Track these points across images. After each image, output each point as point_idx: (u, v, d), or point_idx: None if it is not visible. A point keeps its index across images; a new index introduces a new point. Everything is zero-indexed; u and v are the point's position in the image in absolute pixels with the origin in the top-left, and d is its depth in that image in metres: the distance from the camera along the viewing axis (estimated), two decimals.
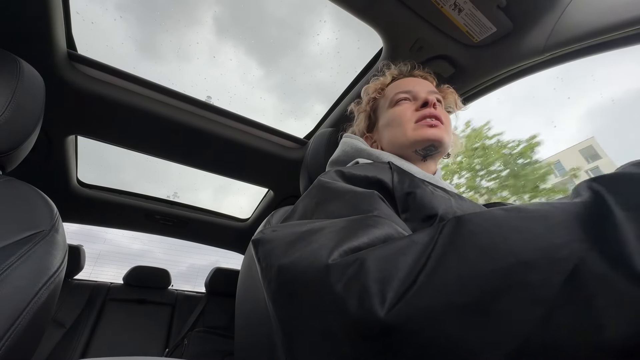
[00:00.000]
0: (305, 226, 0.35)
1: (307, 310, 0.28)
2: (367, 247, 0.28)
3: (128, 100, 0.99)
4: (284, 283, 0.31)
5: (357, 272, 0.25)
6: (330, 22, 1.16)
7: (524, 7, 0.70)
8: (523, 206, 0.24)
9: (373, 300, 0.23)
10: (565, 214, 0.21)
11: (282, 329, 0.31)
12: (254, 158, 1.26)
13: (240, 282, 0.71)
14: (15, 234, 0.45)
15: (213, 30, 1.54)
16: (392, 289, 0.23)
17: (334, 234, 0.31)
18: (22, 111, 0.53)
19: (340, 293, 0.25)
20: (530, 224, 0.22)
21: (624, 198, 0.20)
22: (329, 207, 0.41)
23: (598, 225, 0.19)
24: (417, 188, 0.45)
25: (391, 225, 0.32)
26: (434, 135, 0.58)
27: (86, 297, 1.81)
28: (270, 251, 0.35)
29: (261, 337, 0.53)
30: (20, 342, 0.40)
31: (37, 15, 0.73)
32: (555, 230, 0.20)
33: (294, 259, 0.31)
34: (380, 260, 0.25)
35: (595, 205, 0.20)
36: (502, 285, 0.19)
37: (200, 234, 1.91)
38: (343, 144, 0.67)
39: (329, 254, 0.28)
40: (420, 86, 0.65)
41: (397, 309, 0.22)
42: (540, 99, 10.84)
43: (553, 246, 0.19)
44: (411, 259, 0.24)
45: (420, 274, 0.23)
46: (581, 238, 0.19)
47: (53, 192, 0.72)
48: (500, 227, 0.22)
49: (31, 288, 0.43)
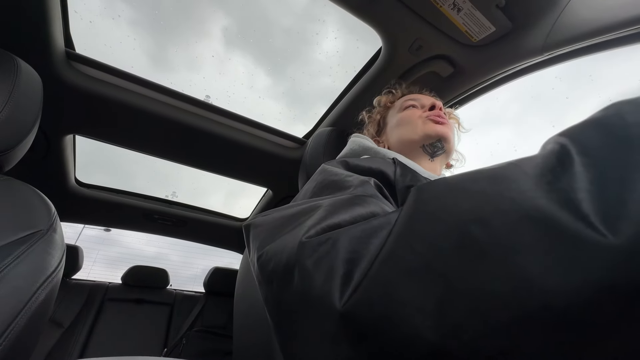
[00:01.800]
0: (294, 209, 0.35)
1: (282, 289, 0.28)
2: (347, 224, 0.28)
3: (126, 99, 0.99)
4: (263, 265, 0.31)
5: (328, 251, 0.25)
6: (329, 22, 1.16)
7: (523, 6, 0.70)
8: (480, 169, 0.23)
9: (335, 286, 0.23)
10: (519, 169, 0.20)
11: (267, 313, 0.31)
12: (253, 157, 1.26)
13: (238, 281, 0.71)
14: (13, 233, 0.44)
15: (222, 41, 1.57)
16: (360, 269, 0.23)
17: (317, 214, 0.31)
18: (20, 110, 0.53)
19: (309, 268, 0.25)
20: (481, 184, 0.21)
21: (584, 144, 0.19)
22: (325, 191, 0.41)
23: (555, 175, 0.19)
24: (418, 182, 0.46)
25: (377, 204, 0.33)
26: (442, 130, 0.62)
27: (84, 297, 1.81)
28: (258, 235, 0.36)
29: (259, 336, 0.53)
30: (17, 342, 0.40)
31: (34, 14, 0.72)
32: (507, 186, 0.20)
33: (275, 242, 0.31)
34: (352, 239, 0.25)
35: (557, 157, 0.20)
36: (449, 244, 0.19)
37: (199, 234, 1.90)
38: (351, 142, 0.68)
39: (306, 232, 0.28)
40: (427, 99, 0.71)
41: (356, 293, 0.22)
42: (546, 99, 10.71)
43: (502, 200, 0.19)
44: (381, 239, 0.24)
45: (382, 250, 0.23)
46: (531, 189, 0.19)
47: (51, 192, 0.71)
48: (451, 190, 0.22)
49: (29, 288, 0.43)
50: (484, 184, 0.21)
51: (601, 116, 0.20)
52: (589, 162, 0.18)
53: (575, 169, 0.18)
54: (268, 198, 1.57)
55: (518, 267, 0.16)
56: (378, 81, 0.91)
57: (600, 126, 0.19)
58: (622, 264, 0.14)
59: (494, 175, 0.21)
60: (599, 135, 0.19)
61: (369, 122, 0.78)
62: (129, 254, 9.61)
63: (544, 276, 0.16)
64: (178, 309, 1.99)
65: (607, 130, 0.19)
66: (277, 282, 0.29)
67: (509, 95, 4.34)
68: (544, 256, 0.16)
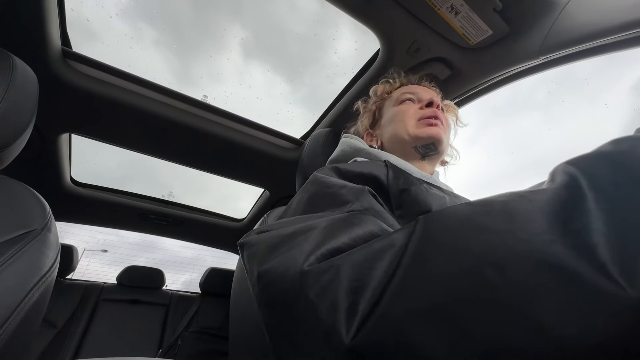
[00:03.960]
0: (289, 228, 0.35)
1: (284, 317, 0.28)
2: (347, 247, 0.28)
3: (123, 98, 0.98)
4: (263, 289, 0.31)
5: (331, 280, 0.24)
6: (329, 22, 1.16)
7: (520, 10, 0.71)
8: (490, 199, 0.23)
9: (340, 321, 0.22)
10: (531, 205, 0.20)
11: (267, 333, 0.31)
12: (250, 158, 1.26)
13: (235, 282, 0.71)
14: (7, 232, 0.44)
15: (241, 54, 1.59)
16: (365, 299, 0.22)
17: (315, 236, 0.30)
18: (15, 108, 0.52)
19: (313, 300, 0.24)
20: (493, 219, 0.21)
21: (597, 179, 0.19)
22: (320, 201, 0.41)
23: (567, 213, 0.18)
24: (411, 185, 0.46)
25: (375, 222, 0.32)
26: (434, 133, 0.61)
27: (79, 297, 1.79)
28: (252, 255, 0.35)
29: (255, 337, 0.52)
30: (11, 342, 0.40)
31: (31, 12, 0.72)
32: (519, 225, 0.19)
33: (273, 264, 0.30)
34: (355, 266, 0.24)
35: (568, 191, 0.19)
36: (462, 288, 0.19)
37: (196, 234, 1.90)
38: (342, 143, 0.67)
39: (306, 259, 0.27)
40: (426, 92, 0.68)
41: (364, 329, 0.21)
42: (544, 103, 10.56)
43: (517, 242, 0.18)
44: (384, 265, 0.23)
45: (390, 283, 0.22)
46: (545, 230, 0.18)
47: (46, 191, 0.71)
48: (462, 227, 0.22)
49: (22, 287, 0.42)
50: (497, 221, 0.20)
51: (613, 150, 0.20)
52: (602, 200, 0.17)
53: (588, 206, 0.17)
54: (265, 199, 1.57)
55: (534, 314, 0.16)
56: (376, 83, 0.91)
57: (613, 162, 0.19)
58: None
59: (507, 211, 0.20)
60: (612, 171, 0.18)
61: (364, 113, 0.76)
62: (170, 258, 9.96)
63: (561, 325, 0.15)
64: (173, 310, 1.98)
65: (621, 166, 0.18)
66: (279, 308, 0.28)
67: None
68: (560, 305, 0.16)
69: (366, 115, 0.75)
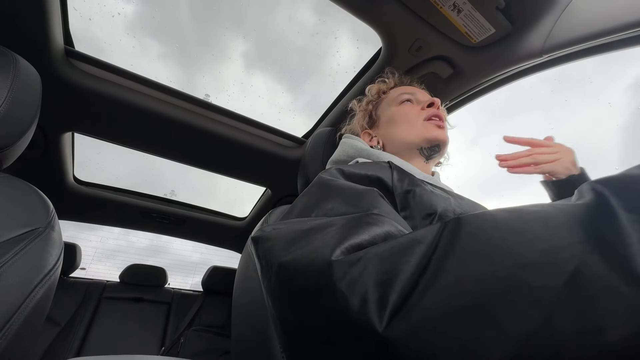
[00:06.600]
0: (307, 224, 0.35)
1: (308, 308, 0.28)
2: (368, 244, 0.28)
3: (125, 97, 0.98)
4: (284, 281, 0.31)
5: (361, 272, 0.25)
6: (329, 22, 1.16)
7: (523, 8, 0.70)
8: (524, 207, 0.23)
9: (372, 311, 0.22)
10: (567, 216, 0.21)
11: (281, 327, 0.31)
12: (252, 157, 1.26)
13: (237, 280, 0.71)
14: (11, 231, 0.44)
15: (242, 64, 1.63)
16: (395, 291, 0.23)
17: (335, 232, 0.30)
18: (18, 108, 0.52)
19: (343, 291, 0.24)
20: (530, 225, 0.21)
21: (628, 200, 0.19)
22: (329, 204, 0.40)
23: (600, 228, 0.19)
24: (416, 186, 0.46)
25: (391, 223, 0.32)
26: (443, 136, 0.61)
27: (81, 295, 1.80)
28: (270, 248, 0.35)
29: (258, 335, 0.53)
30: (15, 340, 0.40)
31: (33, 11, 0.72)
32: (556, 232, 0.20)
33: (296, 256, 0.30)
34: (383, 260, 0.25)
35: (599, 208, 0.20)
36: (501, 288, 0.19)
37: (198, 233, 1.90)
38: (343, 144, 0.67)
39: (332, 251, 0.27)
40: (422, 94, 0.69)
41: (398, 319, 0.21)
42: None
43: (553, 248, 0.19)
44: (414, 259, 0.24)
45: (422, 278, 0.22)
46: (582, 240, 0.19)
47: (49, 189, 0.71)
48: (500, 229, 0.22)
49: (26, 286, 0.43)
50: (535, 227, 0.21)
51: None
52: (636, 220, 0.18)
53: (621, 224, 0.18)
54: (267, 197, 1.57)
55: (570, 319, 0.17)
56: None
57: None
58: None
59: (544, 219, 0.21)
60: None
61: (360, 112, 0.75)
62: (179, 261, 10.16)
63: (602, 329, 0.16)
64: (176, 308, 1.98)
65: None
66: (303, 299, 0.28)
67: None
68: (598, 312, 0.16)
69: (362, 114, 0.74)
